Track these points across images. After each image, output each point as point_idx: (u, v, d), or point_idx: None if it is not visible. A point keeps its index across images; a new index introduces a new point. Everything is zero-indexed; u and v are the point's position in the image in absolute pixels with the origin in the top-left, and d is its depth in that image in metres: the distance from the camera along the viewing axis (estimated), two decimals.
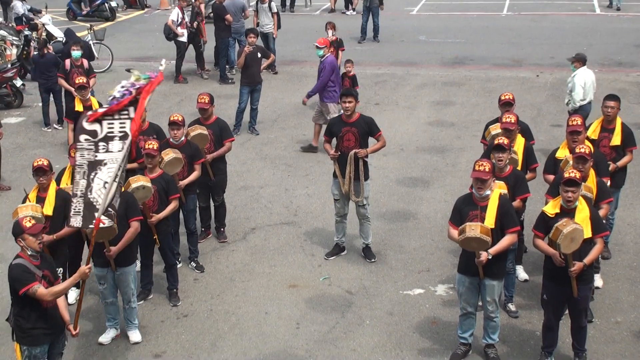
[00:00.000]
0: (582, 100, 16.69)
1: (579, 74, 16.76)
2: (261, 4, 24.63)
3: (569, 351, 10.53)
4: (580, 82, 16.67)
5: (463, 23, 32.70)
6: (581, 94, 16.66)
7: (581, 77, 16.74)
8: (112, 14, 34.98)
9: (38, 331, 9.18)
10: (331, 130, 13.11)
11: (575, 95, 16.69)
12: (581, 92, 16.66)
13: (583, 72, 16.81)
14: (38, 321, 9.14)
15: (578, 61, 16.92)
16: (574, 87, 16.70)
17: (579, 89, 16.63)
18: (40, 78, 20.23)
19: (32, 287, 8.87)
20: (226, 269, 13.20)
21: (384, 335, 11.25)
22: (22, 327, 9.19)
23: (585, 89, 16.71)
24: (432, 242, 13.89)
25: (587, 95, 16.77)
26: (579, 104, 16.67)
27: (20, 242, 9.09)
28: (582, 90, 16.65)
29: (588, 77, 16.85)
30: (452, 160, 17.66)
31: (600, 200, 10.91)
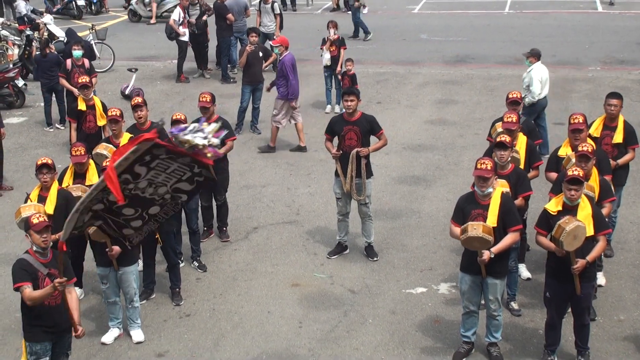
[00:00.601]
0: (540, 95, 17.16)
1: (535, 69, 17.27)
2: (264, 4, 24.58)
3: (571, 349, 10.53)
4: (537, 76, 17.16)
5: (464, 21, 32.69)
6: (539, 88, 17.13)
7: (537, 72, 17.25)
8: (79, 13, 35.03)
9: (37, 328, 9.17)
10: (333, 129, 13.10)
11: (533, 89, 17.11)
12: (539, 87, 17.13)
13: (538, 67, 17.32)
14: (37, 318, 9.13)
15: (533, 56, 17.47)
16: (532, 82, 17.16)
17: (536, 83, 17.10)
18: (43, 78, 20.24)
19: (21, 286, 8.89)
20: (228, 268, 13.20)
21: (386, 334, 11.25)
22: (23, 321, 9.25)
23: (542, 84, 17.22)
24: (434, 240, 13.89)
25: (544, 89, 17.29)
26: (537, 98, 17.13)
27: (27, 237, 9.15)
28: (539, 85, 17.13)
29: (543, 72, 17.39)
30: (455, 159, 17.64)
31: (603, 198, 10.91)
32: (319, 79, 22.52)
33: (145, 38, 31.01)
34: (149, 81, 24.59)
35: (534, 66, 17.30)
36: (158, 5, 34.02)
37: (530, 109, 17.10)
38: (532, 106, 17.15)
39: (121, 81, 23.86)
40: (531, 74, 17.25)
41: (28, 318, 9.19)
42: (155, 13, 33.87)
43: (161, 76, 25.38)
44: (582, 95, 21.89)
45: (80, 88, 15.69)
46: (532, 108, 17.20)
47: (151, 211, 8.23)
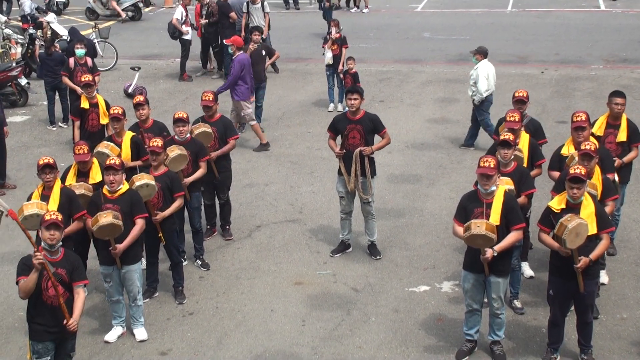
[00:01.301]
0: (487, 91, 17.60)
1: (482, 67, 17.76)
2: (252, 4, 24.45)
3: (574, 347, 10.53)
4: (484, 73, 17.62)
5: (467, 20, 32.68)
6: (485, 84, 17.61)
7: (484, 69, 17.71)
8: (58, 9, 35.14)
9: (39, 327, 9.18)
10: (336, 127, 13.10)
11: (480, 86, 17.55)
12: (485, 83, 17.60)
13: (485, 64, 17.82)
14: (38, 316, 9.15)
15: (480, 54, 17.98)
16: (478, 78, 17.62)
17: (483, 80, 17.58)
18: (47, 76, 20.24)
19: (18, 280, 8.98)
20: (232, 267, 13.21)
21: (389, 333, 11.25)
22: (28, 320, 9.28)
23: (489, 80, 17.67)
24: (437, 239, 13.89)
25: (491, 86, 17.71)
26: (484, 95, 17.58)
27: (39, 232, 9.21)
28: (486, 82, 17.61)
29: (490, 69, 17.89)
30: (457, 157, 17.65)
31: (606, 197, 10.91)
32: (321, 77, 22.53)
33: (148, 37, 31.02)
34: (152, 80, 24.60)
35: (481, 63, 17.78)
36: (117, 3, 34.06)
37: (480, 106, 17.72)
38: (481, 103, 17.70)
39: (124, 80, 23.88)
40: (477, 71, 17.71)
41: (31, 316, 9.21)
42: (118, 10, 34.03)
43: (164, 75, 25.39)
44: (585, 93, 21.88)
45: (83, 87, 15.69)
46: (482, 105, 17.76)
47: None
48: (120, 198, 10.85)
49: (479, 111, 17.88)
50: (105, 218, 10.42)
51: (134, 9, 34.49)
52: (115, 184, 10.77)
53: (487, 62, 17.90)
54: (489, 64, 17.92)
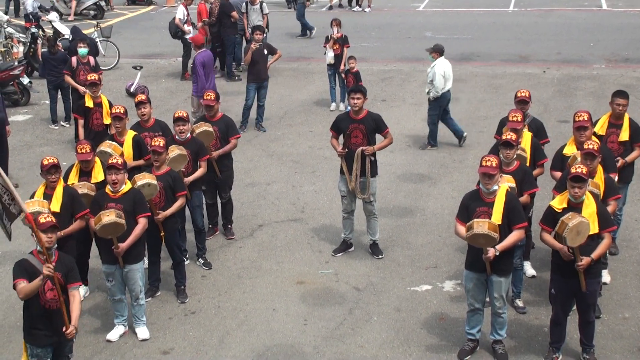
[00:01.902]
0: (443, 89, 17.79)
1: (438, 64, 17.92)
2: (251, 5, 24.43)
3: (576, 347, 10.53)
4: (440, 71, 17.80)
5: (469, 19, 32.69)
6: (442, 82, 17.77)
7: (440, 66, 17.89)
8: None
9: (39, 331, 9.13)
10: (339, 126, 13.10)
11: (437, 84, 17.72)
12: (442, 81, 17.78)
13: (441, 62, 18.00)
14: (37, 321, 9.09)
15: (436, 52, 18.18)
16: (435, 76, 17.78)
17: (439, 78, 17.75)
18: (50, 75, 20.24)
19: (17, 282, 8.92)
20: (234, 266, 13.22)
21: (391, 332, 11.26)
22: (25, 324, 9.24)
23: (445, 78, 17.85)
24: (439, 238, 13.89)
25: (447, 83, 17.90)
26: (441, 92, 17.78)
27: (33, 237, 9.12)
28: (442, 79, 17.79)
29: (446, 66, 18.08)
30: (459, 157, 17.65)
31: (609, 196, 10.91)
32: (322, 76, 22.53)
33: (150, 36, 31.03)
34: (153, 79, 24.61)
35: (437, 61, 17.96)
36: (77, 3, 34.02)
37: (435, 103, 17.92)
38: (436, 100, 17.89)
39: (126, 79, 23.88)
40: (434, 69, 17.88)
41: (30, 320, 9.16)
42: (74, 10, 33.99)
43: (166, 74, 25.40)
44: (587, 93, 21.88)
45: (89, 85, 15.66)
46: (436, 102, 17.94)
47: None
48: (122, 197, 10.85)
49: (432, 107, 18.14)
50: (108, 217, 10.43)
51: (96, 7, 34.31)
52: (117, 183, 10.77)
53: (444, 60, 18.12)
54: (446, 61, 18.15)
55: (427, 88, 18.07)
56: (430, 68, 18.04)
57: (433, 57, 18.09)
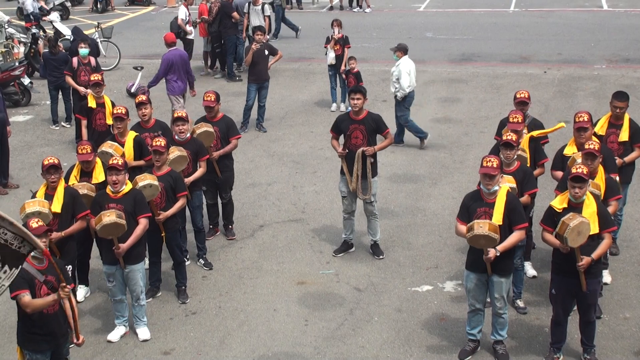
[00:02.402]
0: (409, 87, 17.91)
1: (403, 63, 18.07)
2: (254, 5, 24.43)
3: (577, 347, 10.53)
4: (406, 70, 17.94)
5: (470, 19, 32.67)
6: (407, 81, 17.90)
7: (405, 65, 18.02)
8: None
9: (37, 337, 9.07)
10: (339, 127, 13.10)
11: (402, 83, 17.82)
12: (408, 79, 17.92)
13: (406, 61, 18.13)
14: (35, 326, 9.03)
15: (400, 51, 18.31)
16: (401, 74, 17.89)
17: (405, 76, 17.88)
18: (51, 76, 20.23)
19: (19, 294, 8.77)
20: (234, 266, 13.22)
21: (392, 332, 11.26)
22: (22, 330, 9.14)
23: (411, 77, 17.98)
24: (440, 238, 13.89)
25: (412, 82, 18.05)
26: (407, 91, 17.91)
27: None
28: (408, 78, 17.93)
29: (411, 65, 18.23)
30: (460, 157, 17.65)
31: (609, 197, 10.90)
32: (323, 77, 22.54)
33: (151, 36, 31.01)
34: None
35: (401, 60, 18.09)
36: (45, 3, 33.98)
37: (402, 102, 18.04)
38: (404, 99, 18.03)
39: (127, 79, 23.88)
40: (400, 68, 18.00)
41: (27, 326, 9.07)
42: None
43: None
44: (587, 93, 21.87)
45: (92, 86, 15.66)
46: (404, 101, 18.09)
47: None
48: (123, 198, 10.85)
49: (400, 107, 18.24)
50: (108, 217, 10.43)
51: (62, 8, 34.23)
52: (118, 184, 10.77)
53: (408, 59, 18.25)
54: (410, 60, 18.30)
55: (393, 87, 18.18)
56: (395, 67, 18.20)
57: (397, 56, 18.25)
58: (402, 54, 18.22)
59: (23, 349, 9.21)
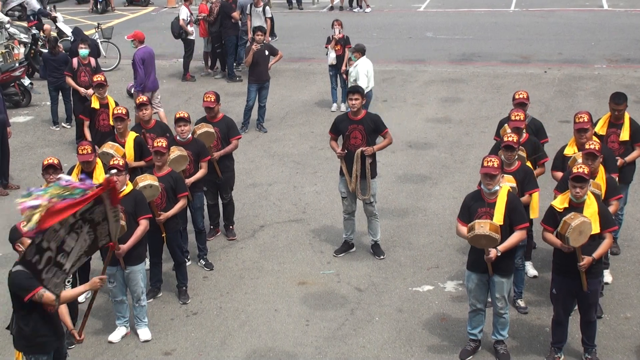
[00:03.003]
0: (367, 88, 18.02)
1: (361, 64, 18.33)
2: (255, 7, 24.42)
3: (578, 347, 10.53)
4: (364, 70, 18.20)
5: (470, 19, 32.67)
6: (366, 81, 18.12)
7: (363, 66, 18.28)
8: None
9: (44, 339, 8.95)
10: (338, 128, 13.09)
11: (360, 83, 17.90)
12: (366, 80, 18.15)
13: (364, 61, 18.40)
14: (42, 328, 8.92)
15: (358, 51, 18.58)
16: (359, 76, 18.14)
17: (363, 77, 18.15)
18: (51, 76, 20.22)
19: (38, 292, 8.50)
20: (235, 267, 13.22)
21: (393, 332, 11.26)
22: (26, 335, 8.91)
23: (369, 77, 18.23)
24: (440, 238, 13.89)
25: (370, 82, 18.30)
26: (365, 92, 17.54)
27: (19, 247, 8.95)
28: (366, 79, 18.17)
29: (369, 66, 18.56)
30: (461, 157, 17.64)
31: (610, 196, 10.91)
32: (324, 77, 22.55)
33: (151, 37, 30.93)
34: None
35: (359, 61, 18.33)
36: (3, 4, 34.00)
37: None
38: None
39: (127, 80, 23.87)
40: (357, 69, 18.20)
41: (32, 329, 8.87)
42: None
43: (167, 75, 25.38)
44: (588, 93, 21.87)
45: (96, 87, 15.65)
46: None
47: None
48: (124, 199, 10.81)
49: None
50: None
51: (21, 9, 34.19)
52: (119, 184, 10.76)
53: (366, 59, 18.44)
54: (368, 60, 18.49)
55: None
56: (353, 68, 18.40)
57: (355, 57, 18.47)
58: (360, 55, 18.49)
59: (27, 354, 9.02)
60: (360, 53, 18.45)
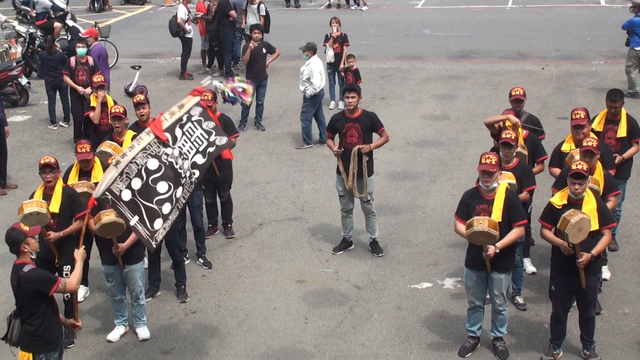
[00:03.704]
0: (319, 86, 18.19)
1: (313, 62, 18.34)
2: (250, 4, 24.40)
3: (577, 343, 10.54)
4: (317, 69, 18.21)
5: (468, 16, 32.66)
6: (319, 79, 18.20)
7: (316, 65, 18.27)
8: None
9: (54, 334, 9.05)
10: (334, 126, 13.09)
11: (314, 81, 18.11)
12: (319, 78, 18.20)
13: (315, 60, 18.40)
14: (53, 325, 9.01)
15: (309, 50, 18.62)
16: (312, 74, 18.17)
17: (316, 75, 18.16)
18: (48, 75, 20.20)
19: (60, 282, 8.80)
20: (234, 265, 13.22)
21: (392, 329, 11.27)
22: (39, 334, 8.93)
23: (322, 75, 18.28)
24: (439, 235, 13.89)
25: (322, 81, 18.35)
26: (318, 89, 18.17)
27: (25, 248, 8.89)
28: (319, 76, 18.21)
29: (320, 64, 18.58)
30: (459, 154, 17.65)
31: (608, 192, 10.92)
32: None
33: (149, 35, 31.02)
34: (152, 78, 24.61)
35: (311, 59, 18.37)
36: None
37: (311, 100, 18.22)
38: (313, 97, 18.21)
39: (125, 79, 23.86)
40: (310, 67, 18.23)
41: (45, 327, 8.92)
42: None
43: (165, 73, 25.39)
44: (585, 89, 21.88)
45: (97, 88, 15.70)
46: (313, 99, 18.26)
47: (177, 193, 8.92)
48: None
49: (308, 105, 18.41)
50: (107, 216, 10.42)
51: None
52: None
53: (317, 58, 18.50)
54: (319, 59, 18.56)
55: (303, 86, 18.36)
56: (305, 66, 18.43)
57: (307, 55, 18.51)
58: (311, 53, 18.55)
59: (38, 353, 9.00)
60: (311, 51, 18.53)
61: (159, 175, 8.86)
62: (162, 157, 8.89)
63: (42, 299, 8.84)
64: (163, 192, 8.87)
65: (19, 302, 8.96)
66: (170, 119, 9.04)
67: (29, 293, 8.79)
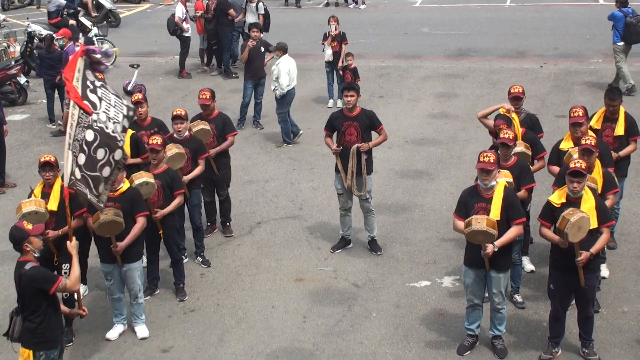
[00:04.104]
0: (288, 86, 18.24)
1: (283, 62, 18.38)
2: (249, 3, 24.37)
3: (576, 341, 10.54)
4: (285, 69, 18.25)
5: (466, 14, 32.64)
6: (287, 80, 18.21)
7: (285, 64, 18.34)
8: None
9: (55, 332, 9.10)
10: (333, 125, 13.08)
11: (282, 81, 18.12)
12: (287, 79, 18.25)
13: (286, 59, 18.46)
14: (54, 323, 9.06)
15: (279, 50, 18.68)
16: (280, 74, 18.18)
17: (284, 75, 18.20)
18: (46, 74, 20.20)
19: (61, 281, 8.88)
20: (232, 264, 13.22)
21: (391, 328, 11.27)
22: (40, 331, 8.99)
23: (290, 76, 18.32)
24: (437, 234, 13.90)
25: (292, 81, 18.37)
26: (286, 90, 18.20)
27: (27, 246, 8.93)
28: (287, 77, 18.24)
29: (291, 64, 18.57)
30: (457, 152, 17.65)
31: (607, 190, 10.93)
32: (320, 74, 22.50)
33: (147, 34, 31.00)
34: (151, 77, 24.59)
35: (281, 59, 18.41)
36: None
37: (282, 100, 18.27)
38: (283, 97, 18.25)
39: (123, 77, 23.83)
40: (279, 67, 18.28)
41: (47, 325, 8.98)
42: None
43: (163, 72, 25.38)
44: (584, 87, 21.87)
45: None
46: (283, 99, 18.31)
47: (115, 156, 9.54)
48: (121, 196, 10.85)
49: (280, 105, 18.45)
50: (106, 215, 10.43)
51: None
52: (116, 182, 10.75)
53: (288, 57, 18.56)
54: (290, 59, 18.60)
55: (273, 86, 18.43)
56: (275, 66, 18.46)
57: (277, 55, 18.57)
58: (281, 53, 18.58)
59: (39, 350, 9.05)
60: (282, 51, 18.56)
61: (96, 144, 9.39)
62: (94, 126, 9.35)
63: (44, 297, 8.89)
64: (101, 158, 9.46)
65: (21, 299, 9.01)
66: (78, 83, 9.41)
67: (31, 291, 8.86)
